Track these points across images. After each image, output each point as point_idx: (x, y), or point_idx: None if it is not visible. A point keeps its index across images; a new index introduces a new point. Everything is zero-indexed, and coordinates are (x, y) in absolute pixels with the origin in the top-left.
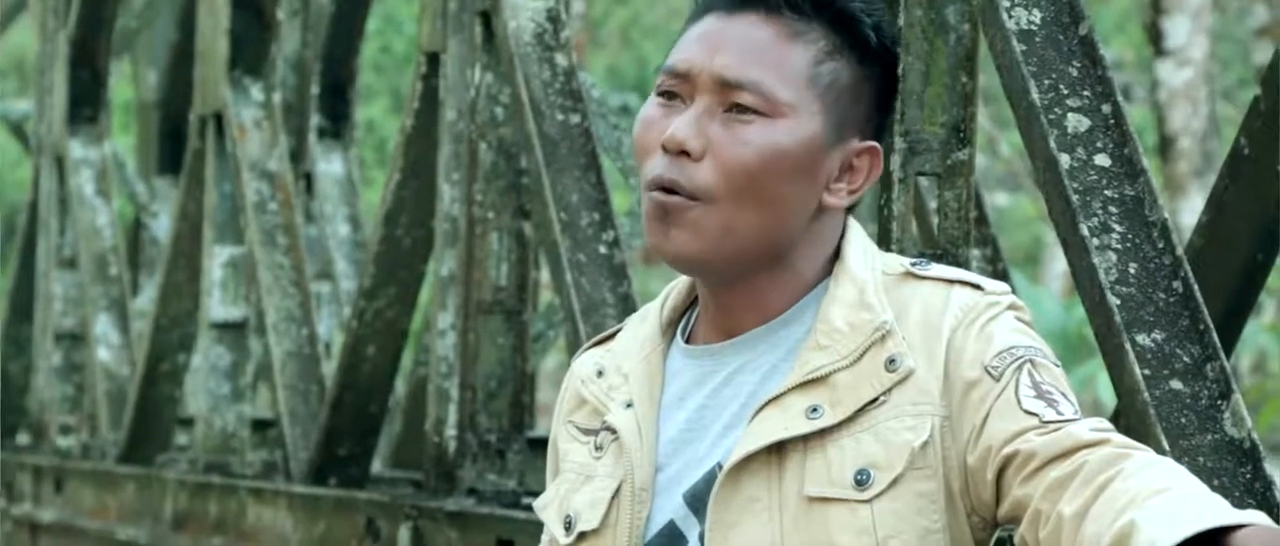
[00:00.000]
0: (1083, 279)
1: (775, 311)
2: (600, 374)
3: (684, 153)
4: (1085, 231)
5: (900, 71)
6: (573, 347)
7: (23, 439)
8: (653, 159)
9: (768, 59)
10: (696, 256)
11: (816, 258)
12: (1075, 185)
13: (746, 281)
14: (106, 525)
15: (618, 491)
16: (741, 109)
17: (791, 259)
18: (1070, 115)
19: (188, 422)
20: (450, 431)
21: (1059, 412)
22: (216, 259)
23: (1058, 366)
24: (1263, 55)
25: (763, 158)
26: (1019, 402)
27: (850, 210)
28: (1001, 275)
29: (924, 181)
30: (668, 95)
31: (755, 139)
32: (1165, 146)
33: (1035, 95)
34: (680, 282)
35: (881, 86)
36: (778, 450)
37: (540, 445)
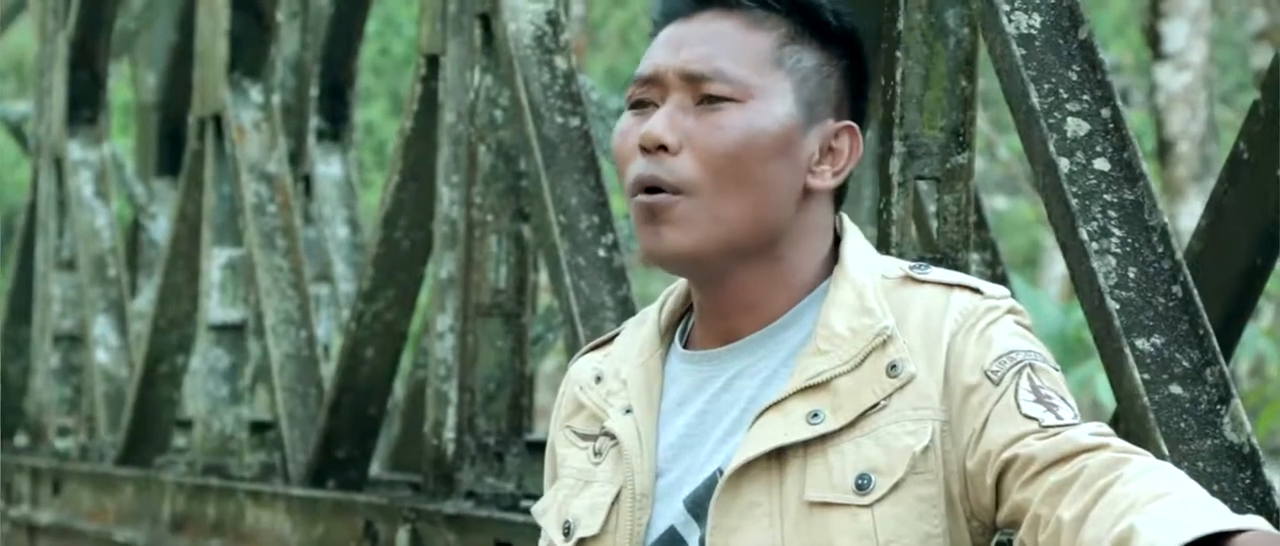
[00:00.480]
0: (1082, 283)
1: (773, 315)
2: (598, 379)
3: (662, 148)
4: (1084, 235)
5: (899, 75)
6: (571, 350)
7: (21, 440)
8: (632, 163)
9: (731, 47)
10: (690, 251)
11: (810, 255)
12: (1074, 189)
13: (740, 279)
14: (104, 527)
15: (617, 497)
16: (712, 99)
17: (783, 252)
18: (1070, 119)
19: (186, 424)
20: (449, 434)
21: (1058, 417)
22: (215, 261)
23: (1057, 370)
24: (1261, 59)
25: (740, 141)
26: (1018, 407)
27: (839, 202)
28: (1001, 279)
29: (923, 185)
30: (639, 105)
31: (730, 123)
32: (1164, 150)
33: (1035, 99)
34: (678, 286)
35: (849, 69)
36: (778, 455)
37: (539, 448)
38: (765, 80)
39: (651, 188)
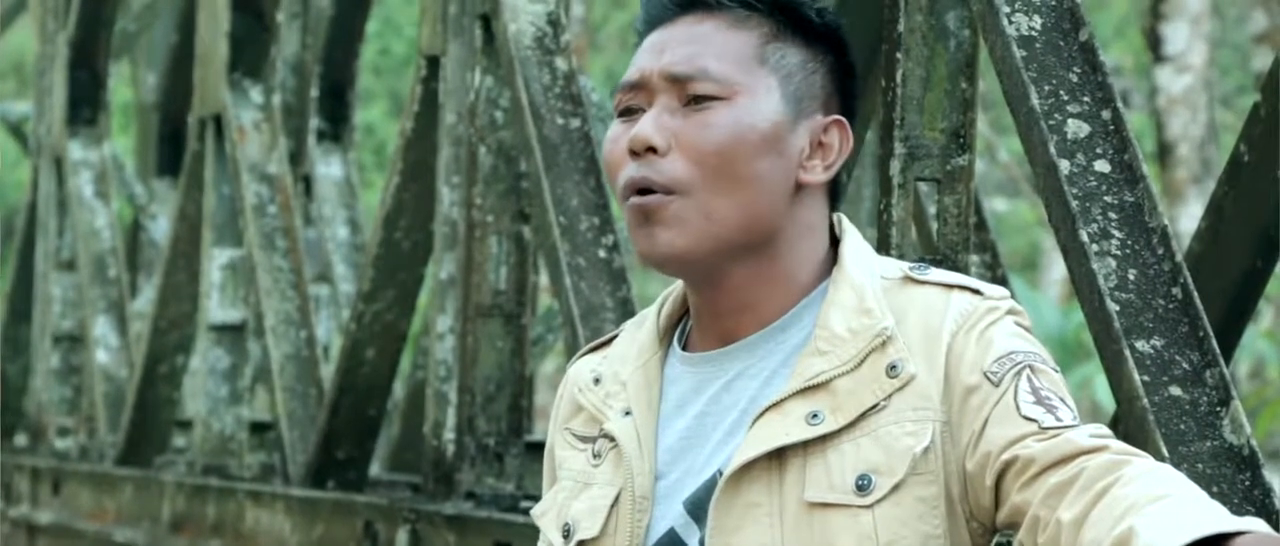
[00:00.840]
0: (1082, 285)
1: (772, 316)
2: (597, 381)
3: (651, 150)
4: (1085, 237)
5: (900, 77)
6: (571, 351)
7: (21, 440)
8: (624, 169)
9: (715, 47)
10: (684, 250)
11: (807, 254)
12: (1075, 191)
13: (737, 279)
14: (104, 527)
15: (617, 499)
16: (699, 99)
17: (779, 250)
18: (1070, 121)
19: (186, 425)
20: (448, 435)
21: (1058, 418)
22: (215, 261)
23: (1057, 372)
24: (1262, 61)
25: (728, 138)
26: (1018, 408)
27: (835, 201)
28: (1001, 281)
29: (924, 187)
30: (627, 112)
31: (717, 121)
32: (1164, 153)
33: (1035, 101)
34: (676, 288)
35: (835, 65)
36: (778, 456)
37: (538, 449)
38: (750, 78)
39: (643, 189)
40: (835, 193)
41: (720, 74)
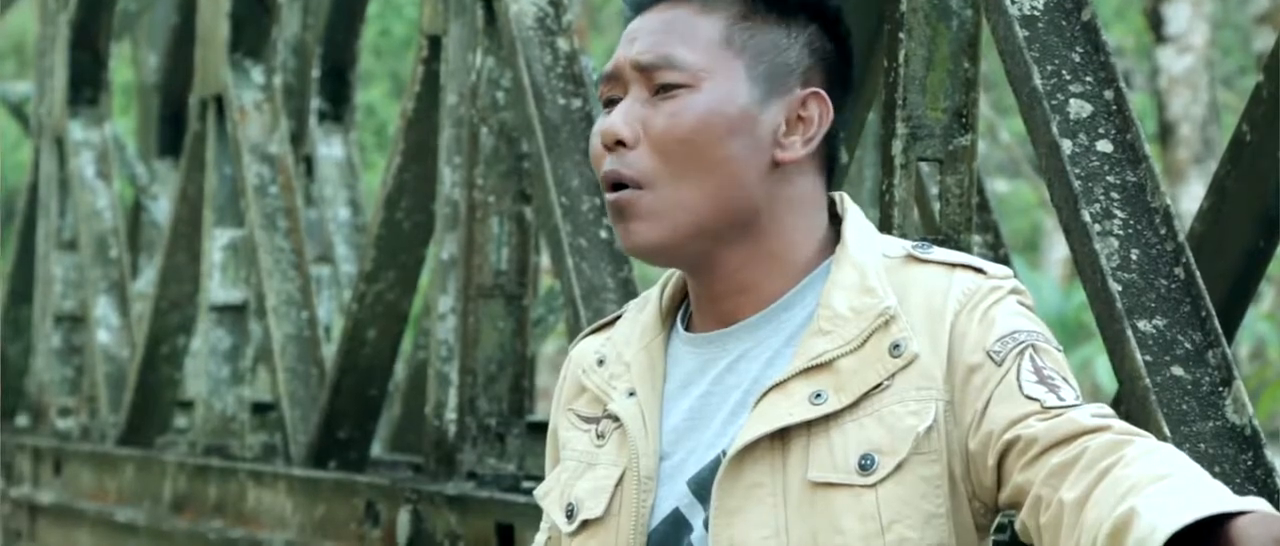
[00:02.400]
0: (1084, 265)
1: (772, 296)
2: (601, 362)
3: (620, 143)
4: (1087, 217)
5: (902, 57)
6: (573, 332)
7: (22, 420)
8: (603, 161)
9: (678, 34)
10: (659, 242)
11: (804, 233)
12: (1077, 171)
13: (728, 263)
14: (105, 507)
15: (621, 479)
16: (666, 87)
17: (765, 228)
18: (1072, 101)
19: (187, 405)
20: (450, 415)
21: (1060, 398)
22: (217, 241)
23: (1059, 351)
24: (1263, 42)
25: (692, 127)
26: (1020, 388)
27: (830, 176)
28: (1003, 261)
29: (926, 167)
30: (609, 103)
31: (680, 110)
32: (1165, 133)
33: (1038, 81)
34: (676, 270)
35: (816, 36)
36: (781, 436)
37: (540, 429)
38: (716, 63)
39: (616, 183)
40: (831, 169)
41: (684, 62)
